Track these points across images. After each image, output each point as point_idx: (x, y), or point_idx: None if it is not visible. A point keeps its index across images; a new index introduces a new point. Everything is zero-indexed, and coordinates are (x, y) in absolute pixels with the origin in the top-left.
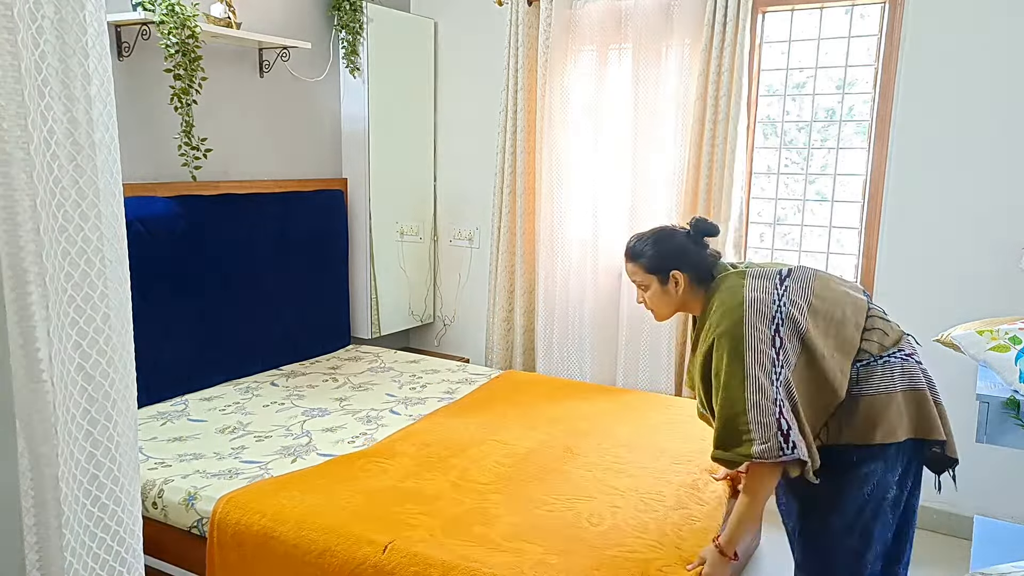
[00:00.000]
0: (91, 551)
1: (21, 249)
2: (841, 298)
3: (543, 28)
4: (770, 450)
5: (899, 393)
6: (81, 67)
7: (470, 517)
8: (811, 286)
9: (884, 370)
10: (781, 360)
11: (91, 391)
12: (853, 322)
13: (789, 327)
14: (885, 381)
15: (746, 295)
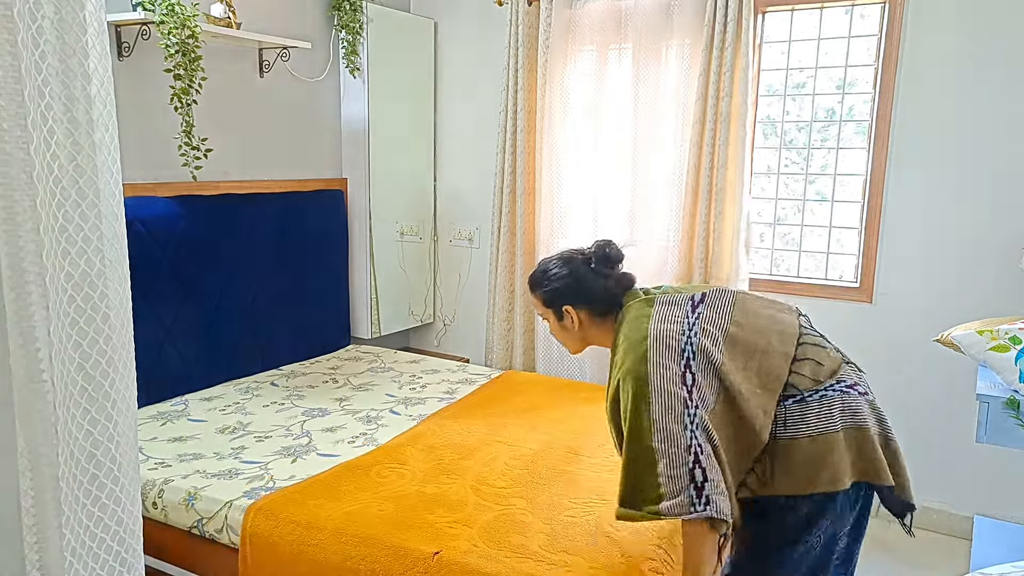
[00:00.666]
0: (91, 551)
1: (21, 249)
2: (766, 325)
3: (543, 28)
4: (679, 505)
5: (841, 432)
6: (81, 67)
7: (503, 525)
8: (729, 312)
9: (821, 406)
10: (695, 400)
11: (91, 391)
12: (780, 352)
13: (702, 361)
14: (824, 420)
15: (651, 327)
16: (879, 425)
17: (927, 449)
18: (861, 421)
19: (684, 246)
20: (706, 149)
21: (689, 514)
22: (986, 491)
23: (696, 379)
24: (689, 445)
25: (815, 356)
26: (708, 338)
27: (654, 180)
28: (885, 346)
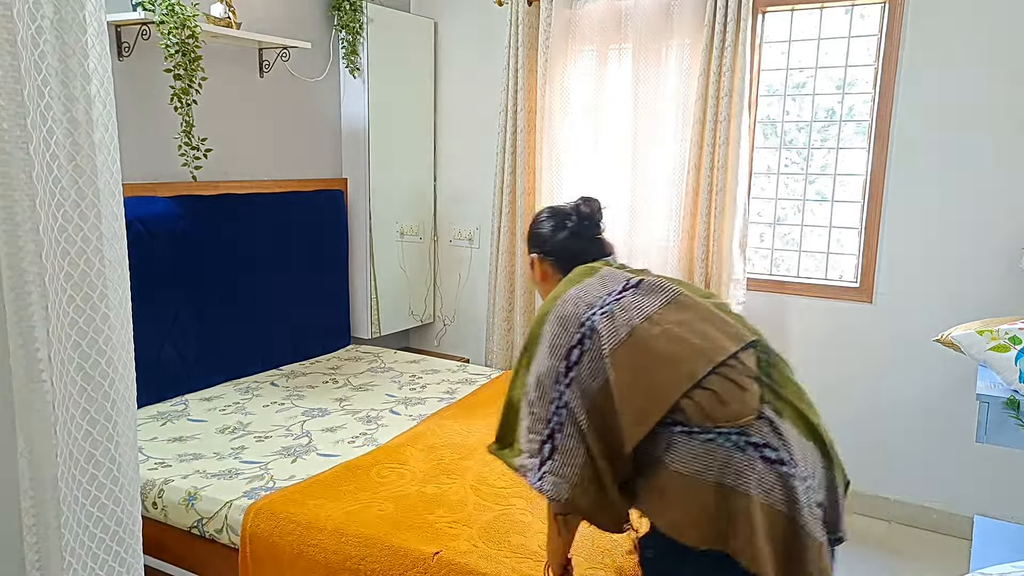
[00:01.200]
0: (90, 551)
1: (20, 249)
2: (686, 335)
3: (543, 28)
4: (524, 468)
5: (713, 487)
6: (81, 67)
7: (502, 525)
8: (654, 309)
9: (704, 449)
10: (570, 378)
11: (90, 391)
12: (684, 370)
13: (594, 343)
14: (696, 463)
15: (568, 292)
16: (790, 506)
17: (927, 449)
18: (746, 488)
19: (684, 246)
20: (706, 149)
21: (528, 480)
22: (986, 491)
23: (581, 359)
24: (548, 418)
25: (722, 391)
26: (610, 322)
27: (654, 180)
28: (885, 346)
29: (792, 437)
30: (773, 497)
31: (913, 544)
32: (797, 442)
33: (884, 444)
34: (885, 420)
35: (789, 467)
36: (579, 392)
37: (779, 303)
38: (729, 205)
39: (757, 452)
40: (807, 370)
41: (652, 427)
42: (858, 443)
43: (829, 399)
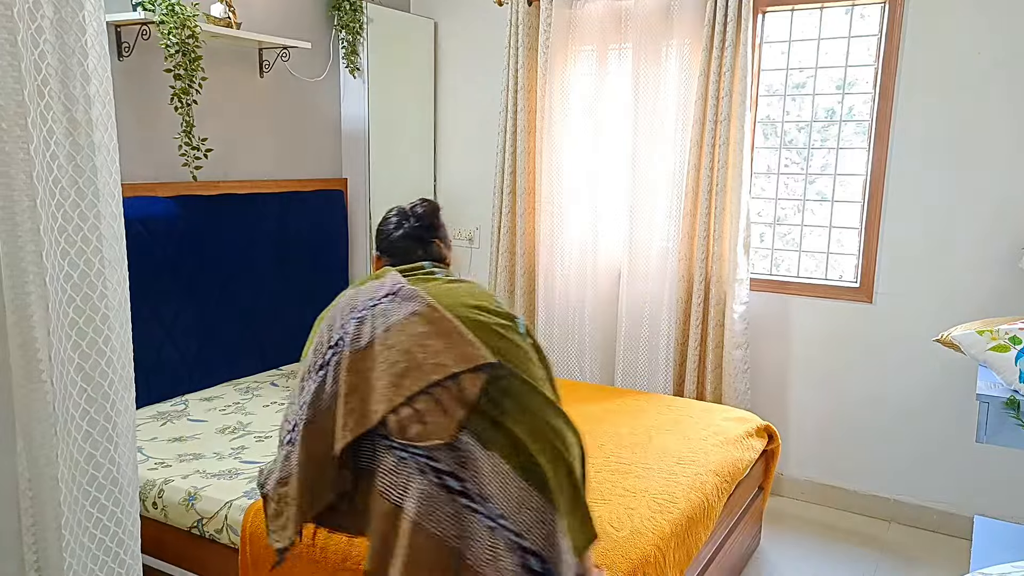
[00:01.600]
0: (89, 551)
1: (20, 249)
2: (415, 351)
3: (543, 28)
4: (262, 474)
5: (391, 508)
6: (80, 67)
7: None
8: (401, 317)
9: (394, 467)
10: (319, 376)
11: (90, 392)
12: (401, 384)
13: (340, 348)
14: (386, 479)
15: (346, 293)
16: (463, 542)
17: (927, 449)
18: (415, 513)
19: (684, 246)
20: (706, 149)
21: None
22: (986, 491)
23: (329, 361)
24: (283, 440)
25: (425, 411)
26: (359, 330)
27: (654, 180)
28: (885, 346)
29: (489, 472)
30: (444, 529)
31: (913, 544)
32: (499, 479)
33: (884, 444)
34: (885, 420)
35: (473, 502)
36: (314, 391)
37: (779, 303)
38: (729, 205)
39: (438, 479)
40: (807, 370)
41: (359, 435)
42: (858, 443)
43: (829, 399)
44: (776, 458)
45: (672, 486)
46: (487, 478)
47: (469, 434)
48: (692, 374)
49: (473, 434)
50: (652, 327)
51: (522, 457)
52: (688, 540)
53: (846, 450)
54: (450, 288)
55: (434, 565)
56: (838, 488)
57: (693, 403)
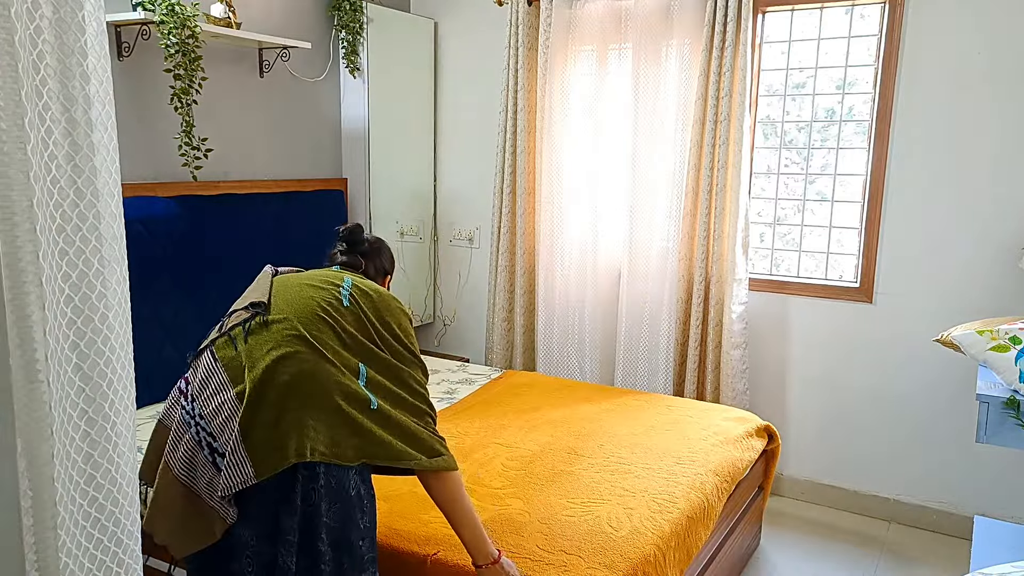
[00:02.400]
0: (87, 552)
1: (19, 249)
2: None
3: (543, 28)
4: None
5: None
6: (80, 67)
7: (499, 525)
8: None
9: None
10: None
11: (88, 391)
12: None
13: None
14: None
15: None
16: (164, 413)
17: (927, 449)
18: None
19: (684, 246)
20: (706, 149)
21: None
22: (986, 491)
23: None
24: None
25: (211, 335)
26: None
27: (654, 180)
28: (885, 346)
29: (204, 372)
30: (165, 414)
31: (913, 544)
32: (208, 375)
33: (884, 444)
34: (885, 420)
35: (183, 387)
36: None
37: (779, 303)
38: (729, 205)
39: (180, 380)
40: (807, 370)
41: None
42: (858, 442)
43: (829, 399)
44: (776, 458)
45: (672, 486)
46: (199, 376)
47: (210, 351)
48: (692, 374)
49: (213, 350)
50: (652, 327)
51: (240, 372)
52: (688, 540)
53: (846, 450)
54: (306, 272)
55: (154, 443)
56: (838, 488)
57: (693, 403)
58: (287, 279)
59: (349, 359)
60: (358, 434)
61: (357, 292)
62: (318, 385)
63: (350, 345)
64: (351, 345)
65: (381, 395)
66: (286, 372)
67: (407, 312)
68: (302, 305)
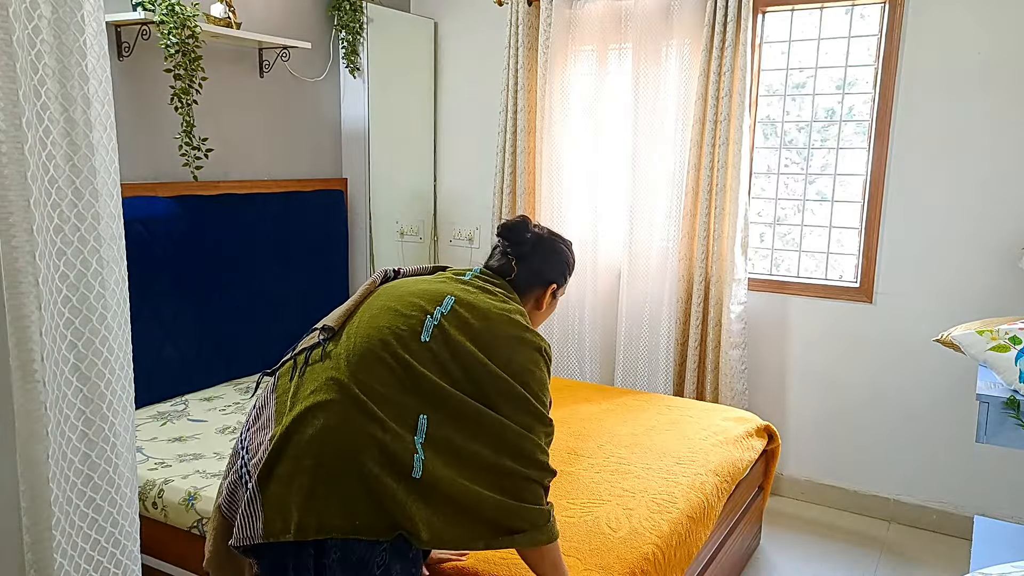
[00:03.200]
0: (84, 553)
1: (16, 249)
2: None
3: (543, 28)
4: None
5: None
6: (79, 67)
7: None
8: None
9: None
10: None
11: (86, 392)
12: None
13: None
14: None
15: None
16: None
17: (927, 449)
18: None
19: (684, 246)
20: (706, 149)
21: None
22: (986, 491)
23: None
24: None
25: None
26: None
27: (654, 180)
28: (885, 346)
29: (260, 400)
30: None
31: (913, 544)
32: (262, 405)
33: (884, 444)
34: (885, 420)
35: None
36: None
37: (779, 303)
38: (729, 205)
39: (239, 465)
40: (807, 370)
41: None
42: (858, 443)
43: (829, 399)
44: (776, 458)
45: (672, 486)
46: (256, 404)
47: (277, 374)
48: (692, 374)
49: (277, 375)
50: (652, 327)
51: (287, 415)
52: (688, 540)
53: (846, 450)
54: (413, 283)
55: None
56: (838, 488)
57: (693, 403)
58: (386, 291)
59: (407, 408)
60: (384, 507)
61: (453, 319)
62: (344, 443)
63: (413, 389)
64: (415, 389)
65: (446, 456)
66: (312, 424)
67: (539, 346)
68: (367, 336)
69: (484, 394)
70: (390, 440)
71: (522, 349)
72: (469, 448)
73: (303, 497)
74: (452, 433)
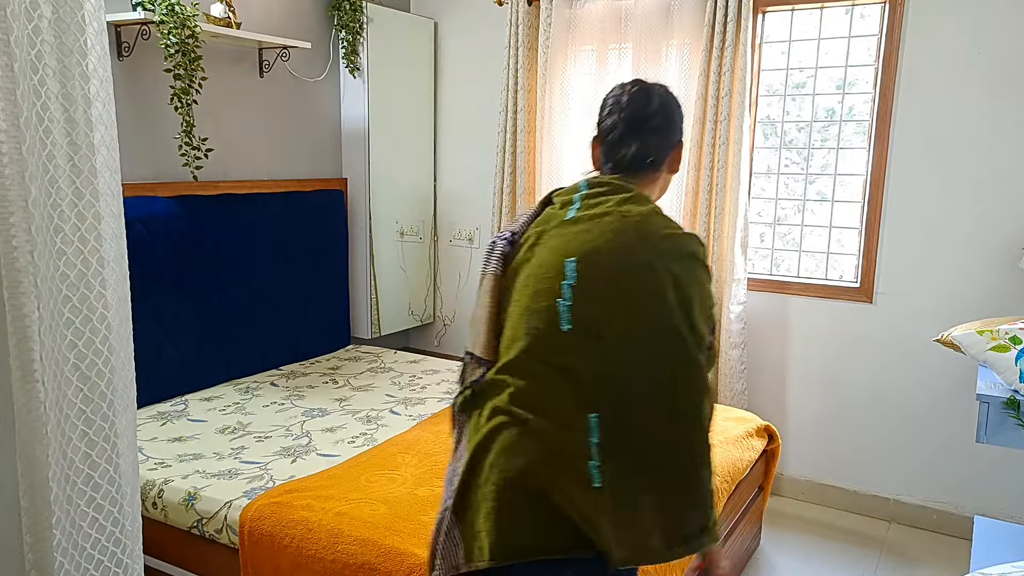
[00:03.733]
0: (84, 552)
1: (15, 249)
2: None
3: (543, 28)
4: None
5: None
6: (79, 67)
7: None
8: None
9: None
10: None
11: (87, 391)
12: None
13: None
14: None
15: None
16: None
17: (927, 449)
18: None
19: None
20: (706, 149)
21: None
22: (986, 491)
23: None
24: None
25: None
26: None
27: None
28: (885, 346)
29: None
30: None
31: (913, 544)
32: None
33: (884, 444)
34: (885, 420)
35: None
36: None
37: (779, 303)
38: (729, 205)
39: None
40: (807, 370)
41: None
42: (858, 443)
43: (829, 399)
44: (776, 458)
45: None
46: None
47: None
48: None
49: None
50: None
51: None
52: None
53: (846, 450)
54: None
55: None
56: (838, 488)
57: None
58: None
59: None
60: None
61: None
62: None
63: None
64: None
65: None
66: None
67: (695, 250)
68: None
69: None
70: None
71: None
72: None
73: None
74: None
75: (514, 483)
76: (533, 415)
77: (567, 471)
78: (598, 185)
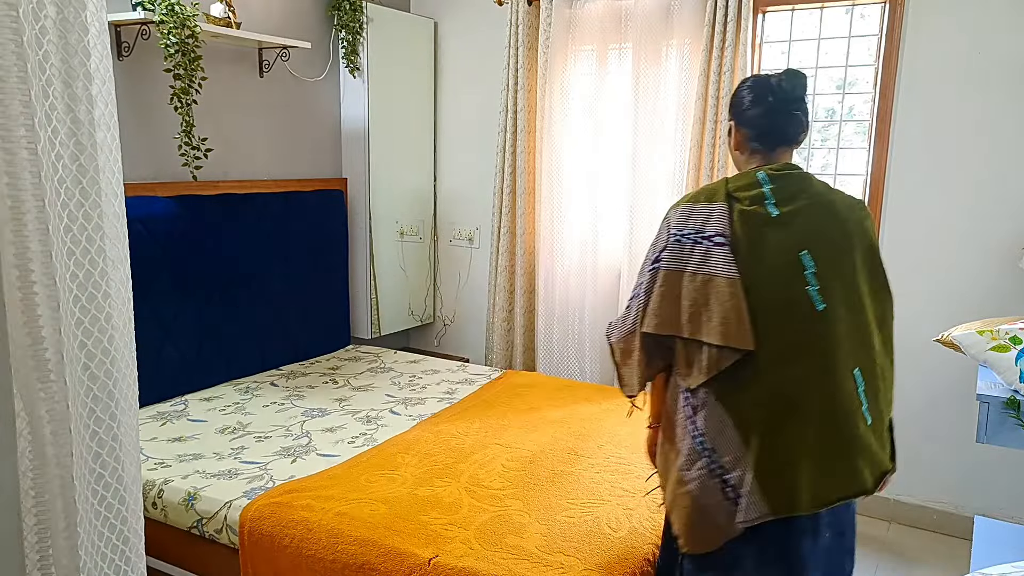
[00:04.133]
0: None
1: (28, 250)
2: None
3: (543, 28)
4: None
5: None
6: (83, 67)
7: (498, 526)
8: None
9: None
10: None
11: (96, 391)
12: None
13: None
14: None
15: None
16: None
17: (927, 449)
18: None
19: None
20: (706, 149)
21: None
22: (986, 491)
23: None
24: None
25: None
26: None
27: (654, 180)
28: None
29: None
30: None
31: (913, 544)
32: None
33: None
34: None
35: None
36: None
37: None
38: None
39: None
40: None
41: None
42: None
43: None
44: None
45: None
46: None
47: None
48: None
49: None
50: None
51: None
52: None
53: None
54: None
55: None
56: None
57: None
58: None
59: None
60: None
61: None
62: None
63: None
64: None
65: None
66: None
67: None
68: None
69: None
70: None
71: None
72: None
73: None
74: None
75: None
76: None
77: (855, 417)
78: (777, 178)
